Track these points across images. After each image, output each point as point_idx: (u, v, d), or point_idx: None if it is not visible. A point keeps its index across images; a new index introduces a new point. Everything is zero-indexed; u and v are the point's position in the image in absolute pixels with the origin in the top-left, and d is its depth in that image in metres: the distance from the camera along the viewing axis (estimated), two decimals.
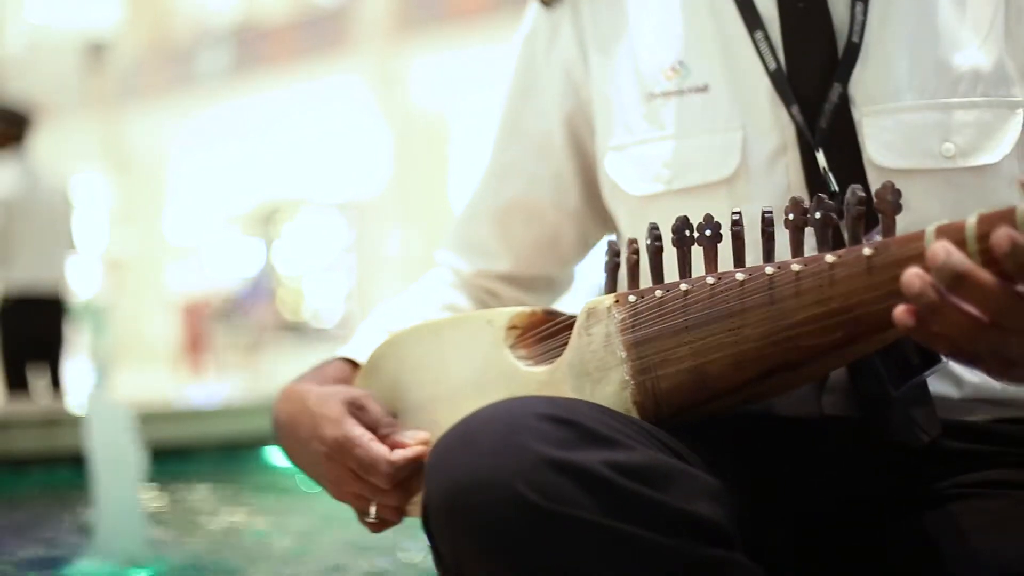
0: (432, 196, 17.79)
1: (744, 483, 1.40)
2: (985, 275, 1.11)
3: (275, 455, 4.37)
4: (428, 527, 1.29)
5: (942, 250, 1.12)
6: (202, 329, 14.25)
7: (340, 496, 1.56)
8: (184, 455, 4.45)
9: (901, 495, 1.48)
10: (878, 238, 1.25)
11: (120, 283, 20.04)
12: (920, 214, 1.43)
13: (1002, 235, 1.10)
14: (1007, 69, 1.54)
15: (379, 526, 1.56)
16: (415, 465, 1.49)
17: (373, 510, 1.54)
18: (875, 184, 1.50)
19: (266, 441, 4.33)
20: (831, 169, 1.52)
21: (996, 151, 1.52)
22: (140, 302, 20.62)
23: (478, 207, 1.84)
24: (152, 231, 23.19)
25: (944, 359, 1.41)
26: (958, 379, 1.53)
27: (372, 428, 1.52)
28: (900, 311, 1.15)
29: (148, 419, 4.06)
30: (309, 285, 23.00)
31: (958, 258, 1.12)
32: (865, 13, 1.54)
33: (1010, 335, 1.13)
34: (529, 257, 1.82)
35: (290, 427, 1.58)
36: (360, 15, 18.94)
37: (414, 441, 1.51)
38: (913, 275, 1.14)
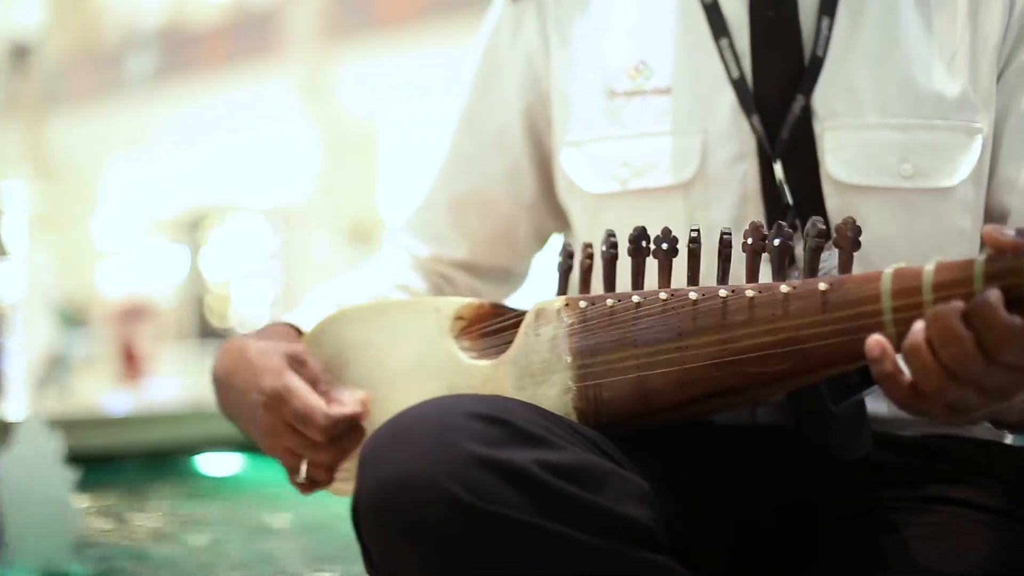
0: (360, 203, 17.79)
1: (678, 490, 1.41)
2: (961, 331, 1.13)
3: (204, 463, 4.34)
4: (358, 524, 1.30)
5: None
6: (130, 335, 14.18)
7: (273, 450, 1.55)
8: (111, 462, 4.41)
9: (834, 506, 1.49)
10: (827, 254, 1.27)
11: (46, 288, 19.88)
12: (874, 232, 1.45)
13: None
14: (969, 95, 1.55)
15: (309, 487, 1.55)
16: (351, 423, 1.48)
17: (304, 468, 1.52)
18: (831, 199, 1.53)
19: (196, 449, 4.30)
20: (788, 181, 1.54)
21: (954, 175, 1.54)
22: (67, 308, 20.49)
23: (435, 195, 1.84)
24: (78, 237, 23.01)
25: None
26: None
27: (311, 383, 1.51)
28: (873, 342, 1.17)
29: (76, 426, 4.02)
30: (236, 291, 22.92)
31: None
32: (831, 28, 1.55)
33: (966, 388, 1.15)
34: (485, 248, 1.82)
35: (228, 378, 1.58)
36: (289, 21, 18.90)
37: (352, 400, 1.49)
38: (875, 342, 1.16)
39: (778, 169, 1.54)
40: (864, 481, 1.49)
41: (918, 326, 1.15)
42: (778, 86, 1.56)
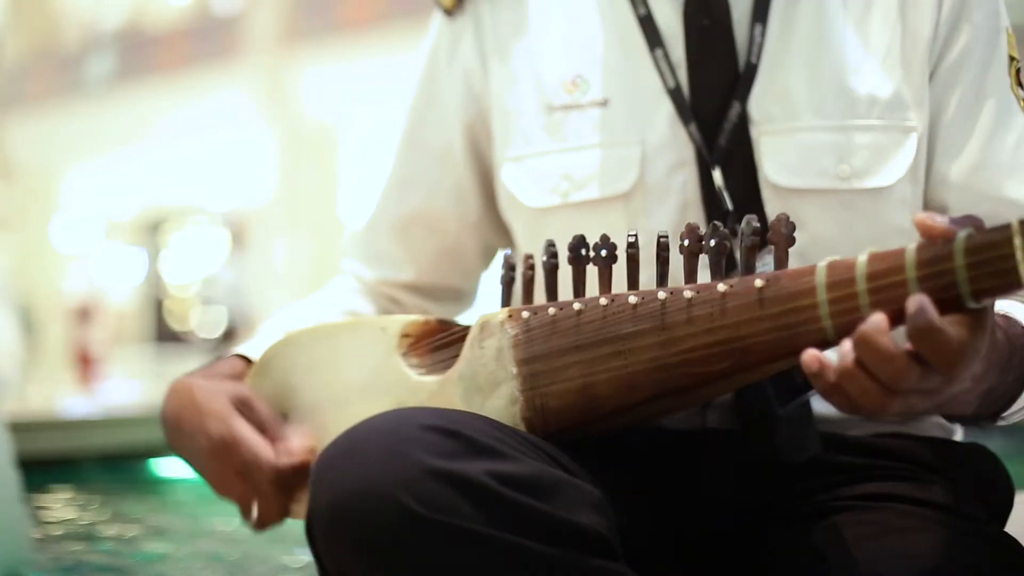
0: (319, 208, 17.68)
1: (631, 497, 1.42)
2: (889, 344, 1.13)
3: (162, 466, 4.32)
4: (311, 536, 1.30)
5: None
6: (83, 337, 14.08)
7: (222, 493, 1.55)
8: (68, 465, 4.39)
9: (784, 508, 1.50)
10: (769, 258, 1.28)
11: (4, 290, 19.68)
12: (814, 234, 1.47)
13: (919, 316, 1.12)
14: (903, 94, 1.57)
15: (261, 525, 1.55)
16: (300, 469, 1.49)
17: (255, 510, 1.53)
18: (770, 203, 1.54)
19: (154, 452, 4.27)
20: (727, 187, 1.55)
21: (890, 174, 1.56)
22: (26, 310, 20.27)
23: (380, 217, 1.84)
24: (37, 239, 22.80)
25: None
26: None
27: (259, 427, 1.52)
28: (809, 357, 1.17)
29: (31, 429, 4.00)
30: (195, 295, 22.75)
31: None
32: (763, 34, 1.57)
33: (908, 396, 1.16)
34: (431, 267, 1.82)
35: (176, 421, 1.57)
36: (249, 25, 18.78)
37: (300, 447, 1.50)
38: (811, 356, 1.16)
39: (717, 176, 1.55)
40: (813, 482, 1.50)
41: (847, 349, 1.16)
42: (714, 94, 1.58)
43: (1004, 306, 1.44)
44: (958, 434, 1.66)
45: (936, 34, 1.58)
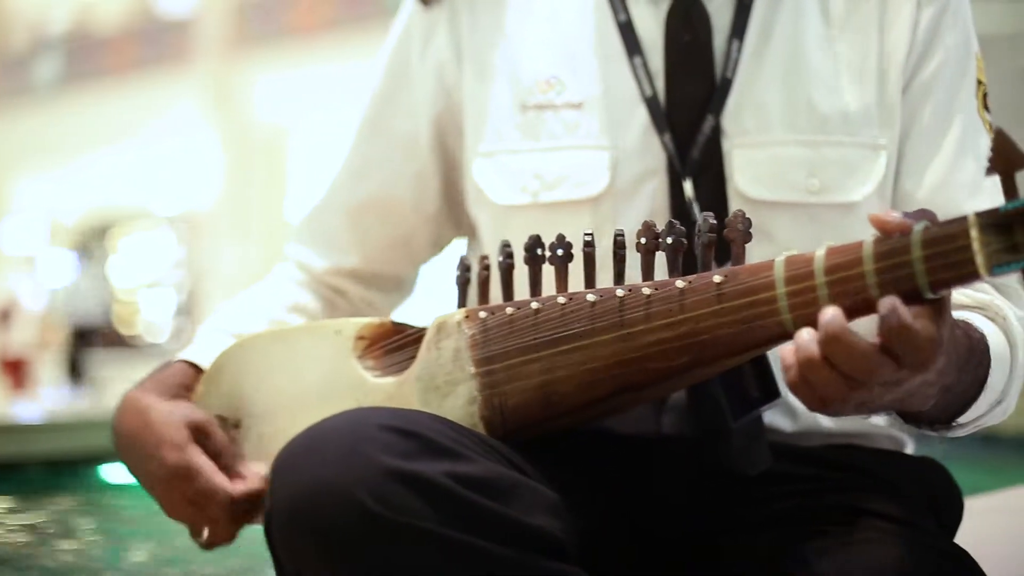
0: (268, 212, 17.66)
1: (586, 501, 1.42)
2: (854, 340, 1.14)
3: (110, 472, 4.29)
4: (269, 534, 1.29)
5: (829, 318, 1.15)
6: (5, 341, 14.07)
7: (174, 516, 1.55)
8: (10, 471, 4.36)
9: (739, 515, 1.51)
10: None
11: None
12: (783, 246, 1.47)
13: (891, 316, 1.13)
14: (874, 112, 1.59)
15: (210, 547, 1.55)
16: (253, 499, 1.49)
17: (206, 533, 1.53)
18: None
19: (101, 458, 4.24)
20: (698, 199, 1.56)
21: (859, 190, 1.58)
22: None
23: (333, 200, 1.83)
24: None
25: (783, 394, 1.47)
26: (793, 412, 1.59)
27: (215, 456, 1.51)
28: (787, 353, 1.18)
29: None
30: (142, 299, 22.67)
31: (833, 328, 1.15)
32: (740, 50, 1.59)
33: (872, 387, 1.17)
34: (380, 255, 1.81)
35: (130, 441, 1.56)
36: (198, 29, 18.75)
37: (254, 476, 1.50)
38: (788, 351, 1.18)
39: (688, 187, 1.56)
40: (767, 491, 1.51)
41: (804, 337, 1.17)
42: (689, 106, 1.59)
43: (962, 315, 1.46)
44: (908, 447, 1.68)
45: (910, 53, 1.60)
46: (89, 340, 20.04)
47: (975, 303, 1.51)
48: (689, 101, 1.59)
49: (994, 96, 1.65)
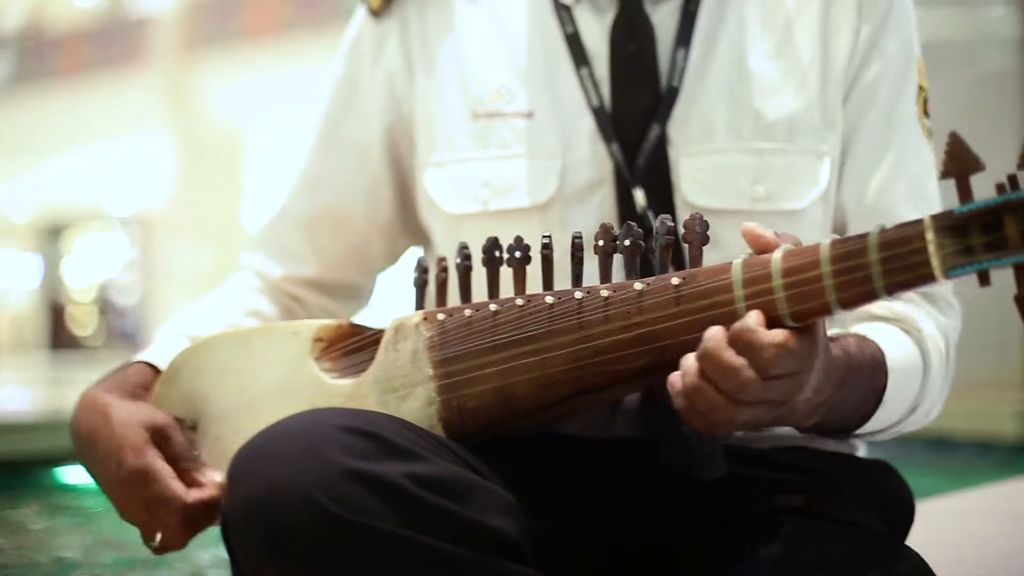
0: (223, 214, 17.59)
1: (543, 503, 1.43)
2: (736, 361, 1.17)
3: (66, 474, 4.27)
4: (227, 535, 1.30)
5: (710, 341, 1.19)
6: None
7: (128, 518, 1.54)
8: None
9: (691, 518, 1.52)
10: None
11: None
12: (730, 253, 1.47)
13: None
14: (817, 119, 1.60)
15: (161, 551, 1.54)
16: (210, 506, 1.48)
17: (159, 538, 1.52)
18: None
19: (58, 460, 4.21)
20: (646, 207, 1.56)
21: (804, 197, 1.59)
22: None
23: (289, 212, 1.83)
24: None
25: None
26: None
27: (173, 460, 1.50)
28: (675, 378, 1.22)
29: None
30: (96, 300, 22.54)
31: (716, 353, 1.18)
32: (686, 59, 1.60)
33: (755, 407, 1.20)
34: (336, 264, 1.82)
35: (89, 441, 1.55)
36: (153, 29, 18.65)
37: (211, 483, 1.49)
38: (675, 376, 1.21)
39: (639, 196, 1.57)
40: (718, 495, 1.52)
41: (689, 362, 1.20)
42: (636, 115, 1.60)
43: (863, 328, 1.50)
44: (861, 450, 1.69)
45: (852, 60, 1.62)
46: (43, 340, 19.92)
47: (891, 314, 1.54)
48: (635, 110, 1.60)
49: (947, 103, 1.67)
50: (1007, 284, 1.13)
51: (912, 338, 1.52)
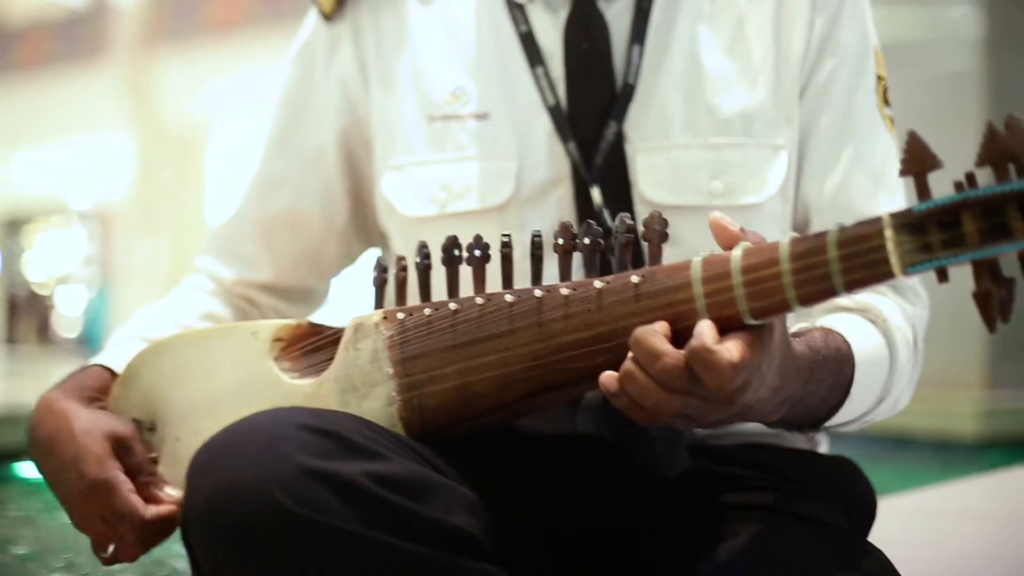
0: (183, 208, 17.53)
1: (504, 501, 1.43)
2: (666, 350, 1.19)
3: (25, 469, 4.25)
4: (186, 534, 1.29)
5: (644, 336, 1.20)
6: None
7: (81, 528, 1.53)
8: None
9: (653, 515, 1.52)
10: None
11: None
12: (689, 249, 1.48)
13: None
14: (773, 113, 1.61)
15: (112, 563, 1.53)
16: (166, 522, 1.48)
17: (111, 550, 1.51)
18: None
19: (17, 455, 4.19)
20: (604, 205, 1.57)
21: (761, 191, 1.60)
22: None
23: (243, 216, 1.83)
24: None
25: None
26: None
27: (134, 472, 1.49)
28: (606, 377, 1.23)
29: None
30: (56, 295, 22.44)
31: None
32: (641, 55, 1.60)
33: (688, 399, 1.20)
34: (291, 268, 1.81)
35: (48, 447, 1.53)
36: (114, 23, 18.57)
37: (170, 499, 1.49)
38: (607, 377, 1.22)
39: (596, 194, 1.58)
40: (681, 491, 1.52)
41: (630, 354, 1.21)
42: (592, 113, 1.60)
43: (829, 320, 1.50)
44: (823, 446, 1.70)
45: (807, 53, 1.63)
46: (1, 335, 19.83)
47: (857, 305, 1.55)
48: (591, 108, 1.61)
49: (905, 103, 1.68)
50: (966, 282, 1.14)
51: (879, 328, 1.52)
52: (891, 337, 1.53)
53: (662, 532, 1.49)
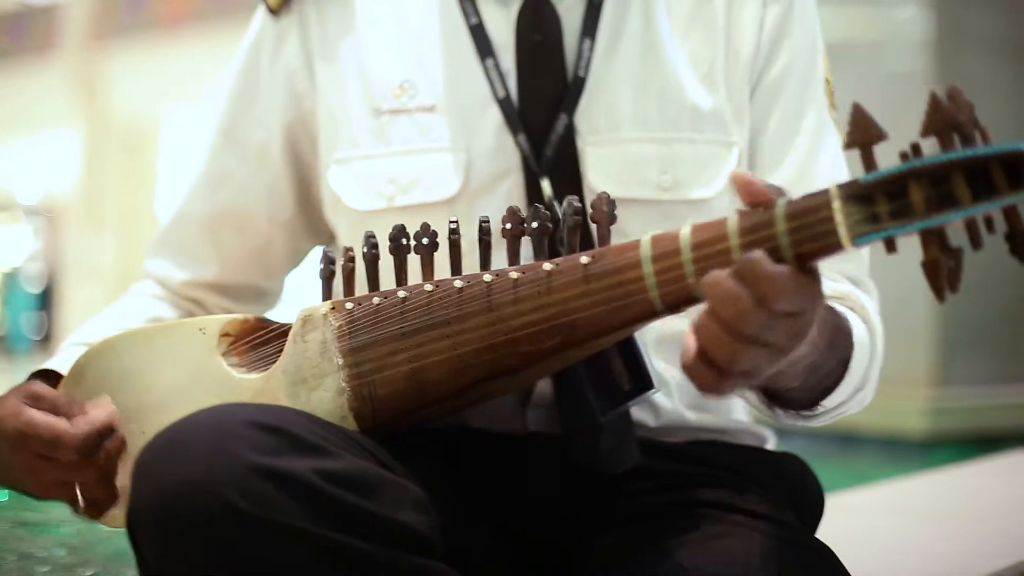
0: (131, 204, 17.44)
1: (454, 498, 1.43)
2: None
3: None
4: (132, 534, 1.28)
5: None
6: None
7: (44, 492, 1.50)
8: None
9: (604, 512, 1.52)
10: None
11: None
12: None
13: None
14: (724, 109, 1.61)
15: (93, 510, 1.51)
16: (103, 432, 1.45)
17: (79, 492, 1.49)
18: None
19: None
20: (554, 197, 1.56)
21: (711, 186, 1.60)
22: None
23: (188, 213, 1.81)
24: None
25: (657, 385, 1.48)
26: (656, 408, 1.60)
27: (52, 411, 1.47)
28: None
29: None
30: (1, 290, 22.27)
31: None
32: (591, 49, 1.60)
33: (757, 348, 1.16)
34: (238, 265, 1.80)
35: None
36: (64, 16, 18.46)
37: (97, 409, 1.46)
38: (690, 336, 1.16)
39: (546, 186, 1.57)
40: (635, 487, 1.53)
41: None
42: (543, 105, 1.60)
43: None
44: (770, 443, 1.71)
45: (757, 52, 1.63)
46: None
47: (834, 293, 1.54)
48: (542, 101, 1.60)
49: (856, 102, 1.68)
50: (915, 281, 1.14)
51: (859, 315, 1.52)
52: (871, 325, 1.53)
53: (612, 530, 1.50)
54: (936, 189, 1.10)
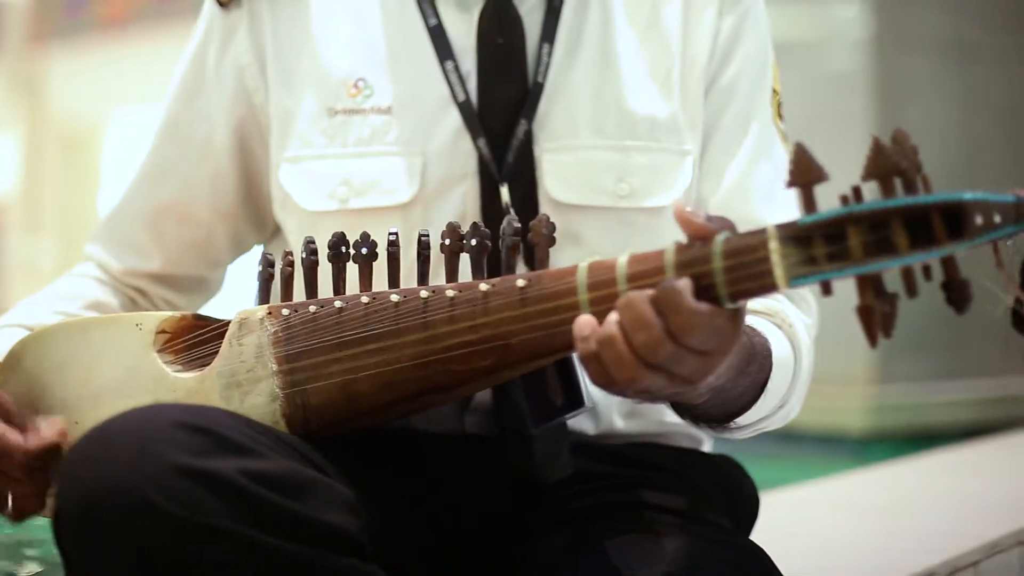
0: (73, 206, 17.31)
1: (386, 499, 1.43)
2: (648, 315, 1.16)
3: None
4: (58, 535, 1.27)
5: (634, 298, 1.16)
6: None
7: None
8: None
9: (538, 514, 1.53)
10: None
11: None
12: (592, 249, 1.49)
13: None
14: (680, 118, 1.62)
15: (19, 516, 1.49)
16: (51, 452, 1.43)
17: (10, 500, 1.47)
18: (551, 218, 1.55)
19: None
20: (511, 203, 1.56)
21: (667, 194, 1.60)
22: None
23: (130, 205, 1.79)
24: None
25: (588, 403, 1.48)
26: (596, 416, 1.60)
27: (4, 419, 1.45)
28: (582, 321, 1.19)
29: None
30: None
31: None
32: (551, 54, 1.60)
33: (658, 375, 1.18)
34: (180, 257, 1.78)
35: None
36: (2, 15, 18.30)
37: (49, 428, 1.44)
38: (585, 321, 1.19)
39: (504, 192, 1.57)
40: (568, 490, 1.52)
41: (612, 317, 1.18)
42: (503, 110, 1.59)
43: (749, 320, 1.49)
44: (706, 444, 1.71)
45: (711, 60, 1.63)
46: None
47: (764, 309, 1.54)
48: (502, 105, 1.59)
49: (794, 103, 1.69)
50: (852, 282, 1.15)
51: (785, 334, 1.53)
52: (796, 343, 1.53)
53: (547, 533, 1.50)
54: (875, 235, 1.10)
